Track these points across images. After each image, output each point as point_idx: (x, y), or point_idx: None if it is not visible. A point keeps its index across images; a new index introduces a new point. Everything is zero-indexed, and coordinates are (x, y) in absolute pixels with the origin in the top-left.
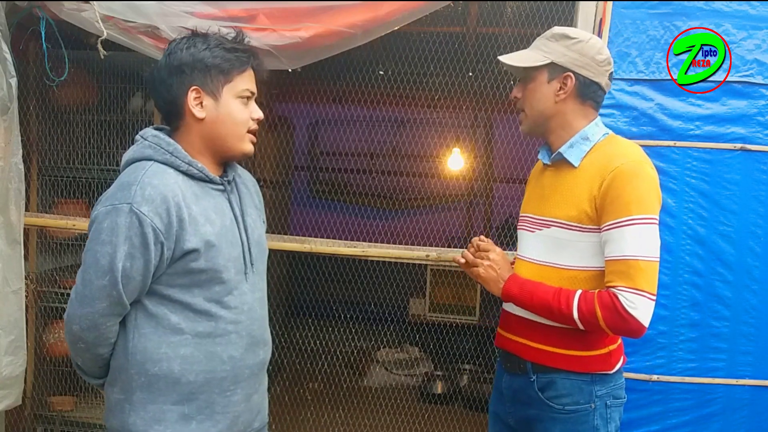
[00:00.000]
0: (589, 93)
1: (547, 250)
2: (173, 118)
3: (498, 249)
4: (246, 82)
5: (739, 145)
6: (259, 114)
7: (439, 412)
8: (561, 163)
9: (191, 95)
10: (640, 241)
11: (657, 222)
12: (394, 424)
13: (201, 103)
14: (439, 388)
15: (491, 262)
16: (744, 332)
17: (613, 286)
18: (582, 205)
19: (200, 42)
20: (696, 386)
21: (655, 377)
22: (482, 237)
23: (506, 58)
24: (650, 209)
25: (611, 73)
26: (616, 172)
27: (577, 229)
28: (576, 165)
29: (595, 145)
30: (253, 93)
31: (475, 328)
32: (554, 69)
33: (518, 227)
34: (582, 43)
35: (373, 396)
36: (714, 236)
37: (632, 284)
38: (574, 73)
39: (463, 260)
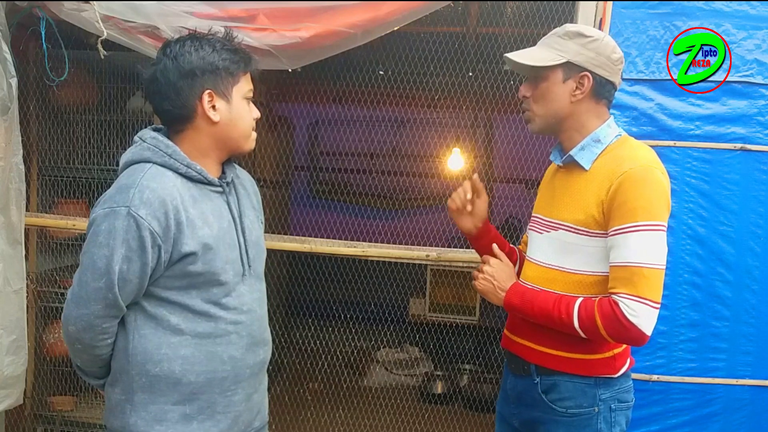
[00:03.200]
0: (604, 92)
1: (555, 253)
2: (179, 121)
3: (493, 260)
4: (249, 82)
5: (739, 145)
6: (257, 113)
7: (439, 412)
8: (572, 165)
9: (205, 99)
10: (644, 248)
11: (665, 229)
12: (394, 424)
13: (214, 106)
14: (439, 388)
15: (486, 275)
16: (744, 332)
17: (616, 293)
18: (590, 210)
19: (205, 44)
20: (696, 386)
21: (655, 377)
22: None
23: (517, 57)
24: (657, 216)
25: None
26: (624, 177)
27: (585, 233)
28: (587, 168)
29: (607, 147)
30: (252, 95)
31: (475, 328)
32: (570, 68)
33: (529, 228)
34: (598, 41)
35: (373, 396)
36: (714, 236)
37: (634, 291)
38: (591, 72)
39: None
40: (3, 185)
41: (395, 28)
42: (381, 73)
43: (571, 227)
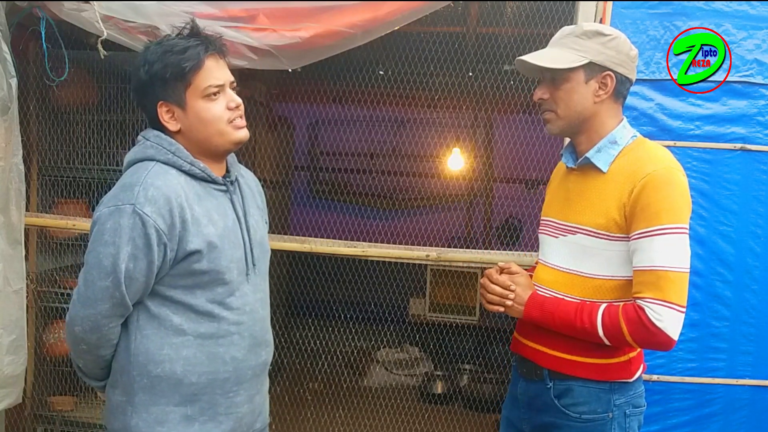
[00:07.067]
0: (623, 91)
1: (572, 258)
2: (163, 130)
3: (516, 278)
4: (206, 78)
5: (739, 145)
6: (235, 101)
7: (439, 412)
8: (588, 167)
9: (161, 111)
10: (670, 251)
11: (687, 231)
12: (394, 424)
13: (173, 114)
14: (439, 388)
15: (505, 291)
16: (744, 332)
17: (641, 298)
18: (611, 213)
19: (151, 55)
20: (696, 386)
21: (655, 377)
22: (502, 266)
23: (534, 59)
24: (681, 218)
25: None
26: (648, 179)
27: (605, 237)
28: (604, 170)
29: (624, 148)
30: (219, 85)
31: (475, 328)
32: (591, 68)
33: (540, 231)
34: (617, 39)
35: (373, 396)
36: (714, 236)
37: (661, 296)
38: (613, 71)
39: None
40: (3, 185)
41: (395, 28)
42: (381, 73)
43: (591, 231)
